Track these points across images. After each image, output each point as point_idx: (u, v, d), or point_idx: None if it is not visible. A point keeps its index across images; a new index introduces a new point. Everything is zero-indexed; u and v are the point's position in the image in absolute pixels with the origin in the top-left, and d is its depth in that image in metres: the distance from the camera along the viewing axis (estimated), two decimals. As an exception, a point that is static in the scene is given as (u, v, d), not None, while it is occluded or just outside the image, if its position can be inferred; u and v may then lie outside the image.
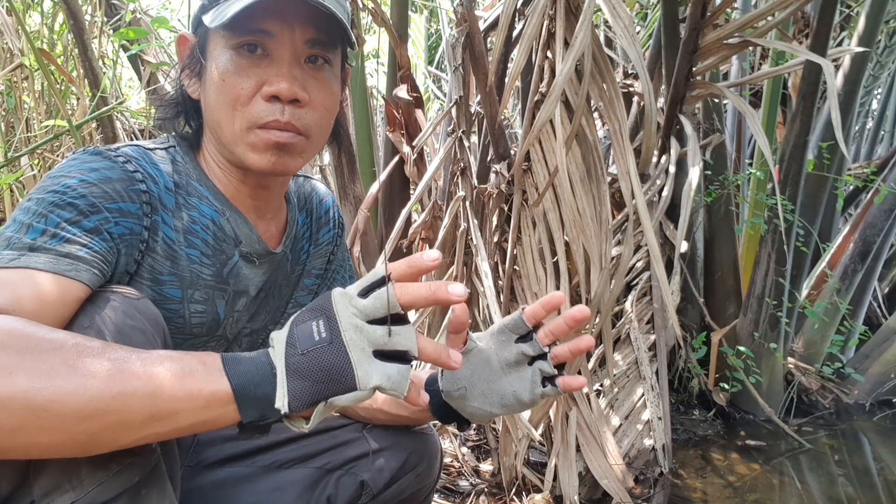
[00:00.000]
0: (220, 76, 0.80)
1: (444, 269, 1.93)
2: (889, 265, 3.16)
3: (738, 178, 2.50)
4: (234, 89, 0.80)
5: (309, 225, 1.04)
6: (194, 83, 0.87)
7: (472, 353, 0.83)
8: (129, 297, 0.71)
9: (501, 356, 0.82)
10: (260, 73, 0.80)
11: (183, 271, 0.83)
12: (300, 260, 1.03)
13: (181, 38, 0.88)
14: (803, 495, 1.93)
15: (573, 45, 1.34)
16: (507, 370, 0.82)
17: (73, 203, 0.71)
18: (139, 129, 2.96)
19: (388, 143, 2.56)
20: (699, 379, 2.46)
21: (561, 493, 1.61)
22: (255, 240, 0.91)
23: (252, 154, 0.82)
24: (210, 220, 0.87)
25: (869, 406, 2.59)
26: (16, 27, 2.44)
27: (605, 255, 1.51)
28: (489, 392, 0.83)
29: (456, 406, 0.86)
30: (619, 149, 1.47)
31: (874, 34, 2.40)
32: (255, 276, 0.93)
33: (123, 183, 0.76)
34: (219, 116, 0.82)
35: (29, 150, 1.99)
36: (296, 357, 0.62)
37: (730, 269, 2.55)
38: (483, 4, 2.91)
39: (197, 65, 0.85)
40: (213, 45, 0.82)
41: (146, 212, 0.78)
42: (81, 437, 0.58)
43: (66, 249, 0.68)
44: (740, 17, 1.93)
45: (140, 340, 0.68)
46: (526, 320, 0.81)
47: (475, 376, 0.83)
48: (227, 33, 0.79)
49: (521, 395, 0.82)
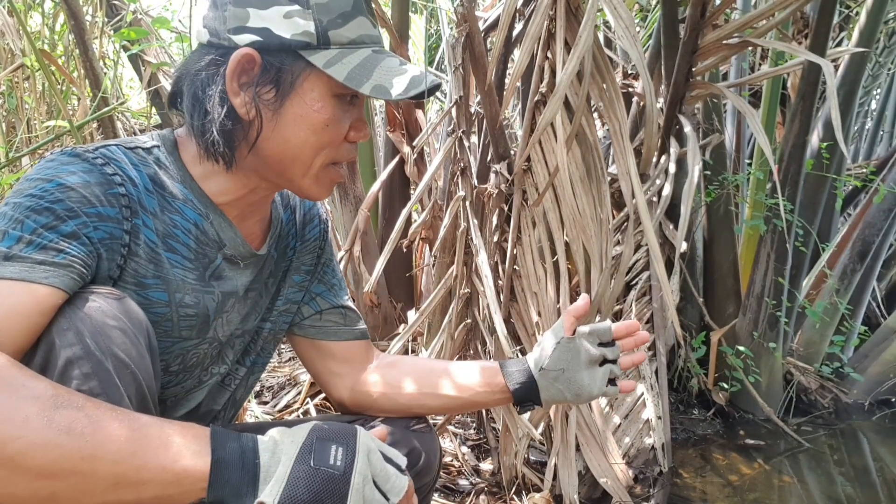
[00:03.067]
0: (325, 121, 0.81)
1: (444, 269, 1.94)
2: (888, 265, 3.16)
3: (738, 178, 2.51)
4: (335, 134, 0.83)
5: (294, 222, 1.05)
6: (248, 104, 0.80)
7: (574, 342, 1.00)
8: (109, 296, 0.71)
9: (589, 353, 1.00)
10: (349, 118, 0.85)
11: (167, 274, 0.82)
12: (286, 256, 1.03)
13: (251, 55, 0.78)
14: (802, 495, 1.94)
15: (577, 45, 1.34)
16: (588, 366, 1.00)
17: (50, 208, 0.69)
18: (140, 130, 2.96)
19: (388, 143, 2.57)
20: (699, 378, 2.46)
21: (561, 492, 1.61)
22: (240, 243, 0.91)
23: (316, 188, 0.87)
24: (193, 224, 0.85)
25: (868, 405, 2.60)
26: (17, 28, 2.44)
27: (606, 254, 1.52)
28: (573, 380, 1.00)
29: (543, 385, 1.01)
30: (619, 148, 1.48)
31: (873, 34, 2.41)
32: (240, 277, 0.93)
33: (102, 187, 0.74)
34: (297, 152, 0.83)
35: (30, 151, 1.99)
36: (306, 466, 0.65)
37: (729, 268, 2.56)
38: (483, 4, 2.92)
39: (270, 89, 0.80)
40: (311, 83, 0.80)
41: (126, 216, 0.76)
42: (43, 493, 0.57)
43: (41, 256, 0.67)
44: (740, 18, 1.93)
45: (121, 340, 0.68)
46: (613, 331, 1.01)
47: (571, 363, 1.00)
48: (334, 82, 0.79)
49: (592, 389, 1.00)
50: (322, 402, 2.02)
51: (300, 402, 2.00)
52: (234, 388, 1.03)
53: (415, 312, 2.21)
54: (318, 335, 1.08)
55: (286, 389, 2.13)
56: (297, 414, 1.96)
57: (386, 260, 1.89)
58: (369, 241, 2.51)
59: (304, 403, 1.99)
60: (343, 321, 1.09)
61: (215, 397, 1.00)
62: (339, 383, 1.08)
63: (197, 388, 0.95)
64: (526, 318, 1.75)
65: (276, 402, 2.06)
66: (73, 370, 0.65)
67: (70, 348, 0.65)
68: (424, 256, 2.67)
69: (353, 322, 1.10)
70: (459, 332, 1.87)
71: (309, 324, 1.08)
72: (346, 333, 1.09)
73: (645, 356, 1.04)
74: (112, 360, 0.67)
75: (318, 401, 2.01)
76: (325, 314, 1.08)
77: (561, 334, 1.01)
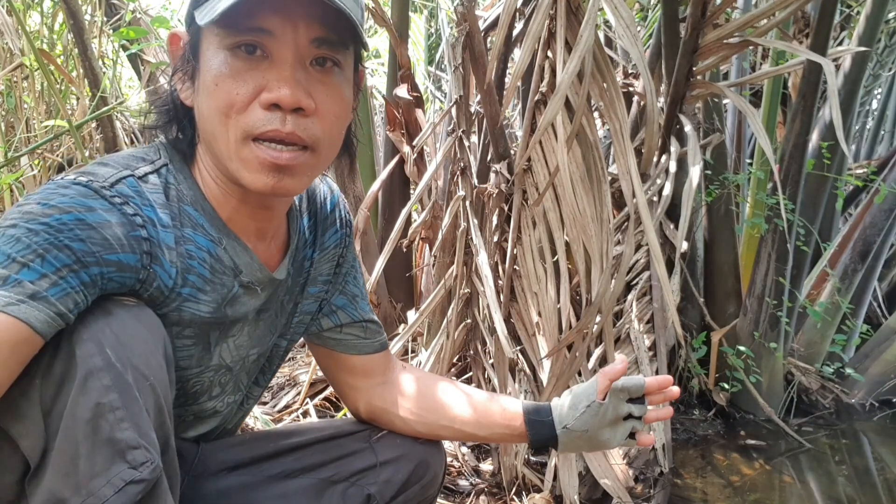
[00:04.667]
0: (213, 80, 0.71)
1: (444, 269, 1.93)
2: (889, 265, 3.15)
3: (739, 178, 2.50)
4: (229, 95, 0.70)
5: (313, 229, 0.97)
6: (187, 88, 0.76)
7: (603, 405, 0.98)
8: (127, 304, 0.70)
9: (616, 412, 0.98)
10: (258, 77, 0.70)
11: (171, 312, 0.77)
12: (303, 269, 0.96)
13: (173, 36, 0.77)
14: (803, 495, 1.93)
15: (578, 45, 1.34)
16: (612, 423, 0.99)
17: (71, 247, 0.64)
18: (139, 130, 2.96)
19: (388, 142, 2.56)
20: (699, 379, 2.45)
21: (561, 492, 1.60)
22: (257, 268, 0.84)
23: (246, 172, 0.73)
24: (206, 252, 0.79)
25: (869, 406, 2.59)
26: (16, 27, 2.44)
27: (606, 254, 1.51)
28: (594, 436, 0.99)
29: (563, 441, 1.00)
30: (619, 148, 1.47)
31: (874, 34, 2.40)
32: (254, 301, 0.87)
33: (123, 228, 0.69)
34: (212, 126, 0.73)
35: (29, 150, 1.98)
36: None
37: (730, 268, 2.55)
38: (483, 4, 2.91)
39: (189, 67, 0.75)
40: (205, 44, 0.72)
41: (145, 263, 0.72)
42: None
43: (62, 307, 0.63)
44: (741, 17, 1.93)
45: (140, 350, 0.67)
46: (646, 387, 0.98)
47: (596, 424, 0.98)
48: (221, 31, 0.70)
49: (610, 443, 0.99)
50: (322, 402, 2.01)
51: (300, 402, 2.00)
52: (248, 407, 1.02)
53: (414, 312, 2.21)
54: (336, 347, 1.03)
55: (285, 390, 2.13)
56: (296, 414, 1.95)
57: (385, 260, 1.89)
58: (369, 241, 2.51)
59: (303, 404, 1.98)
60: (364, 334, 1.04)
61: (229, 418, 0.99)
62: (355, 395, 1.06)
63: (212, 417, 0.93)
64: (526, 318, 1.75)
65: (275, 403, 2.05)
66: (93, 382, 0.63)
67: (90, 359, 0.64)
68: (424, 256, 2.67)
69: (374, 335, 1.05)
70: (459, 332, 1.87)
71: (328, 335, 1.03)
72: (366, 347, 1.04)
73: (672, 412, 1.04)
74: (132, 371, 0.65)
75: (318, 401, 2.00)
76: (346, 328, 1.03)
77: (593, 397, 0.98)
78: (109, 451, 0.62)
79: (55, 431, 0.63)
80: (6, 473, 0.65)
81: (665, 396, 1.00)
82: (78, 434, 0.62)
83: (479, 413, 1.03)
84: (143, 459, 0.63)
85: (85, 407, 0.62)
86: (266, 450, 0.99)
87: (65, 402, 0.63)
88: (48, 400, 0.64)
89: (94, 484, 0.61)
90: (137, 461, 0.63)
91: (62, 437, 0.62)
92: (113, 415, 0.63)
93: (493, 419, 1.03)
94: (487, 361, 1.87)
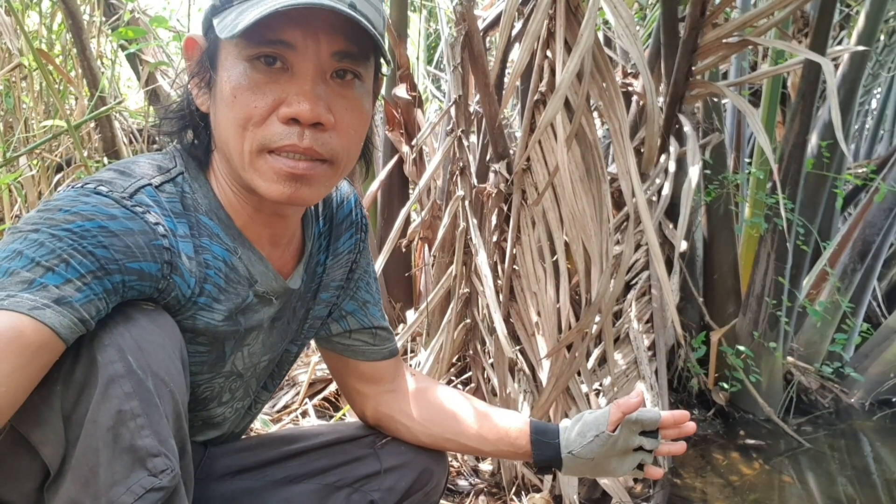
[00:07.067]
0: (232, 91, 0.70)
1: (443, 269, 1.93)
2: (888, 264, 3.16)
3: (738, 178, 2.50)
4: (247, 108, 0.69)
5: (327, 234, 0.95)
6: (203, 94, 0.76)
7: (612, 436, 0.96)
8: (146, 309, 0.70)
9: (626, 444, 0.96)
10: (278, 91, 0.69)
11: (185, 319, 0.76)
12: (316, 275, 0.95)
13: (189, 41, 0.76)
14: (803, 495, 1.93)
15: (578, 44, 1.34)
16: (620, 454, 0.97)
17: (94, 253, 0.64)
18: (137, 129, 2.96)
19: (387, 142, 2.56)
20: (699, 378, 2.45)
21: (560, 492, 1.60)
22: (272, 277, 0.83)
23: (261, 182, 0.72)
24: (222, 262, 0.78)
25: (868, 405, 2.59)
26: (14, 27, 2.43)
27: (606, 254, 1.51)
28: (600, 464, 0.98)
29: (568, 466, 0.99)
30: (619, 148, 1.47)
31: (874, 33, 2.40)
32: (268, 310, 0.86)
33: (146, 236, 0.68)
34: (227, 136, 0.72)
35: (27, 150, 1.98)
36: None
37: (729, 268, 2.55)
38: (482, 3, 2.91)
39: (206, 74, 0.74)
40: (224, 53, 0.71)
41: (165, 273, 0.71)
42: None
43: (85, 314, 0.62)
44: (740, 17, 1.93)
45: (160, 356, 0.67)
46: (661, 422, 0.96)
47: (603, 454, 0.96)
48: (241, 42, 0.69)
49: (618, 471, 0.98)
50: (321, 402, 2.01)
51: (299, 402, 1.99)
52: (255, 411, 1.02)
53: (414, 312, 2.21)
54: (345, 352, 1.03)
55: (284, 390, 2.12)
56: (295, 414, 1.95)
57: (385, 260, 1.89)
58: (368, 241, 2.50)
59: (302, 404, 1.98)
60: (373, 341, 1.02)
61: (237, 423, 0.99)
62: (362, 400, 1.05)
63: (221, 422, 0.93)
64: (525, 317, 1.74)
65: (274, 403, 2.05)
66: (114, 388, 0.63)
67: (111, 365, 0.63)
68: (423, 256, 2.67)
69: (384, 341, 1.04)
70: (459, 331, 1.87)
71: (337, 340, 1.02)
72: (375, 353, 1.03)
73: (685, 448, 1.01)
74: (152, 378, 0.65)
75: (317, 401, 2.00)
76: (355, 334, 1.02)
77: (603, 428, 0.96)
78: (130, 459, 0.62)
79: (75, 438, 0.62)
80: (26, 480, 0.65)
81: (680, 432, 0.98)
82: (99, 441, 0.62)
83: (484, 428, 1.02)
84: (163, 467, 0.63)
85: (106, 414, 0.62)
86: (270, 454, 0.99)
87: (85, 408, 0.62)
88: (68, 406, 0.63)
89: (114, 492, 0.61)
90: (157, 469, 0.63)
91: (83, 444, 0.62)
92: (134, 422, 0.62)
93: (498, 435, 1.02)
94: (487, 361, 1.87)
